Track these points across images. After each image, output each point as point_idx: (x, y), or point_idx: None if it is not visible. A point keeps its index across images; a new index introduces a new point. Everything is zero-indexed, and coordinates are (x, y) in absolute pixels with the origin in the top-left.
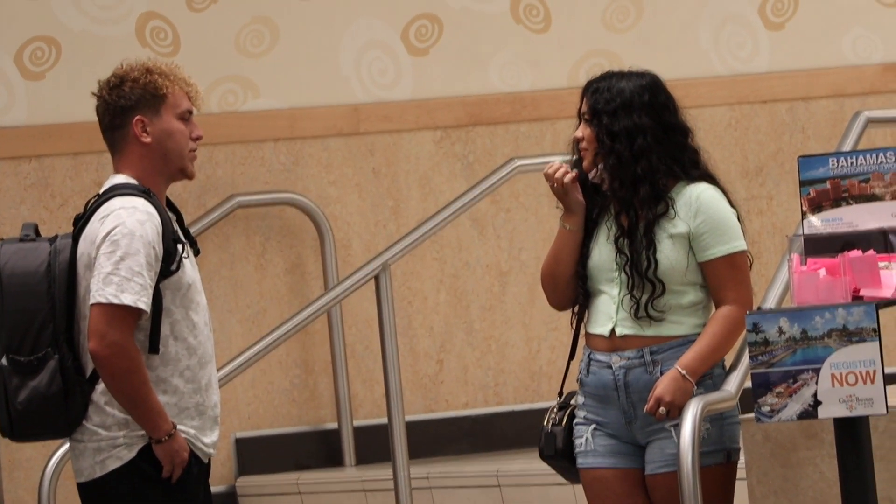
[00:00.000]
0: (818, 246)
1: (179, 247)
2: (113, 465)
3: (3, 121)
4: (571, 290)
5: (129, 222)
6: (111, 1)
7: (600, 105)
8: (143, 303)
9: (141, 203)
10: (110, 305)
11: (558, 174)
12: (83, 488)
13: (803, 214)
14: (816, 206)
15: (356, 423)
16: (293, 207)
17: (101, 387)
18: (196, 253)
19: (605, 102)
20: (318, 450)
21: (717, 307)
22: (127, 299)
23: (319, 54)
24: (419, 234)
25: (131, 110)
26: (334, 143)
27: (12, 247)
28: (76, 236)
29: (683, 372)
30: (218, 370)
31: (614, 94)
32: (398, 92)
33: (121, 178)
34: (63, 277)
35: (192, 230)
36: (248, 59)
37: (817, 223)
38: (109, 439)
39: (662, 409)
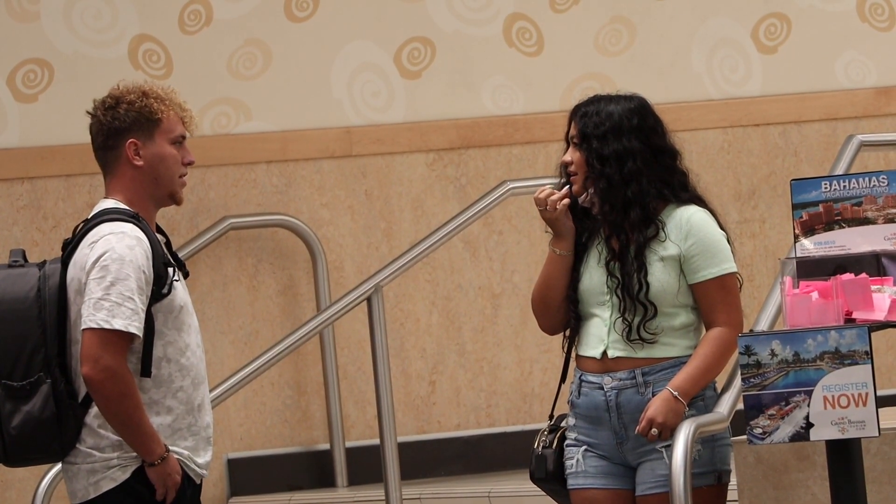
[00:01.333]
0: (810, 269)
1: (170, 270)
2: (107, 486)
3: None
4: (562, 314)
5: (119, 247)
6: (104, 23)
7: (589, 129)
8: (135, 327)
9: (129, 228)
10: (102, 330)
11: (552, 198)
12: None
13: (796, 237)
14: (809, 230)
15: (348, 443)
16: (286, 229)
17: (94, 410)
18: (185, 276)
19: (594, 126)
20: (311, 470)
21: (707, 329)
22: (118, 324)
23: (312, 77)
24: (411, 257)
25: (125, 132)
26: (327, 165)
27: (0, 273)
28: (65, 261)
29: (675, 393)
30: (210, 391)
31: (603, 117)
32: (391, 114)
33: (110, 203)
34: (53, 302)
35: (185, 252)
36: (240, 81)
37: (810, 246)
38: (103, 461)
39: (654, 430)
